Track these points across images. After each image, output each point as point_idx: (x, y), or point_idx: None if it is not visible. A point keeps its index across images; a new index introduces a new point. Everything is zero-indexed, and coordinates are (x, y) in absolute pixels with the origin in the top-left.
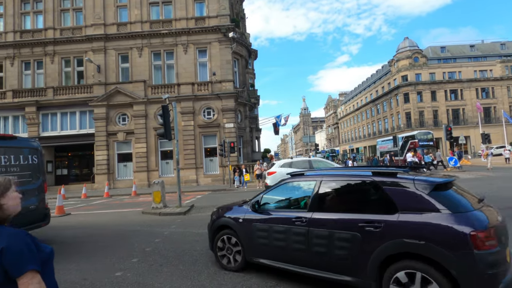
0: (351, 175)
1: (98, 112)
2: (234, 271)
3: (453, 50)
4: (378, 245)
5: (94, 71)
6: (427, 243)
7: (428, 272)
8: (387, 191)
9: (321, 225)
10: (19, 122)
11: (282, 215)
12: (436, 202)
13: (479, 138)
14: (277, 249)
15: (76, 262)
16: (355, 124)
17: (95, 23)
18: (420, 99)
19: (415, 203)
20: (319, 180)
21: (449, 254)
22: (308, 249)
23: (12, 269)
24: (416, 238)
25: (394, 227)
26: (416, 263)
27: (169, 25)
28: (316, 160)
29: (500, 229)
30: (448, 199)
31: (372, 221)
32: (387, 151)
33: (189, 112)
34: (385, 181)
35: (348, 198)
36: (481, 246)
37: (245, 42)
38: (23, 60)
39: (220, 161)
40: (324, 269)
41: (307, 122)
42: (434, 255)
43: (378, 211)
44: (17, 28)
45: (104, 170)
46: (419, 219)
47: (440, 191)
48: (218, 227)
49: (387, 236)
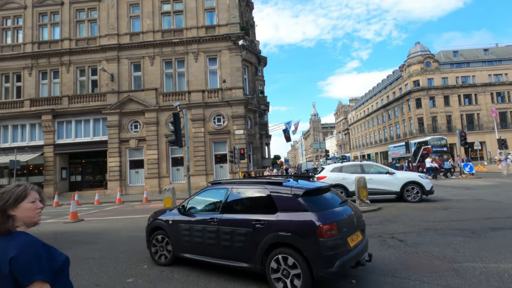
0: (253, 183)
1: (111, 120)
2: (166, 265)
3: (466, 54)
4: (263, 238)
5: (108, 79)
6: (292, 234)
7: (292, 254)
8: (273, 196)
9: (227, 223)
10: (35, 130)
11: (201, 216)
12: (304, 204)
13: (495, 144)
14: (196, 245)
15: (88, 268)
16: (366, 130)
17: (109, 33)
18: (433, 104)
19: (290, 205)
20: (230, 188)
21: (304, 241)
22: (218, 243)
23: (21, 278)
24: (285, 231)
25: (273, 223)
26: (286, 249)
27: (180, 34)
28: (368, 164)
29: (343, 223)
30: (313, 202)
31: (260, 219)
32: (399, 157)
33: (200, 119)
34: (272, 188)
35: (248, 202)
36: (324, 235)
37: (255, 49)
38: (40, 70)
39: (230, 167)
40: (229, 259)
41: (317, 128)
42: (295, 243)
43: (265, 211)
44: (35, 40)
45: (116, 176)
46: (289, 217)
47: (309, 196)
48: (152, 228)
49: (269, 230)
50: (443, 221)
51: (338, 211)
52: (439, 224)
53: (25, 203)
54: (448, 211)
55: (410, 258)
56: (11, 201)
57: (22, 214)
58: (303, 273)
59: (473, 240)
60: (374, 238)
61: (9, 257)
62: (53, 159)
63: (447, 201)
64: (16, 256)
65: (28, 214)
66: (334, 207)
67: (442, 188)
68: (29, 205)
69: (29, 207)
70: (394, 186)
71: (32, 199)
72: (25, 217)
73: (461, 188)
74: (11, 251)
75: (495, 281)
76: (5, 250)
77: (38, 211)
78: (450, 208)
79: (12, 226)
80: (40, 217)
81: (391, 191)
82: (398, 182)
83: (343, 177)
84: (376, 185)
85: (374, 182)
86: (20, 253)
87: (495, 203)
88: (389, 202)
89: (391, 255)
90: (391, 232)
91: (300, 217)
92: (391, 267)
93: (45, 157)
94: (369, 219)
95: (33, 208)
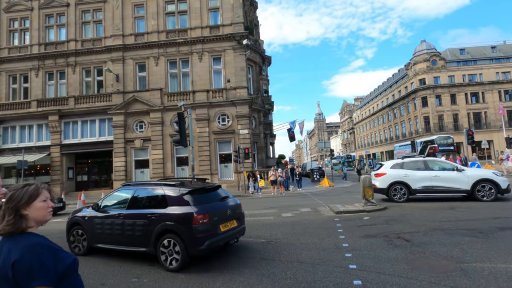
0: (152, 185)
1: (116, 120)
2: (82, 255)
3: (473, 52)
4: (156, 227)
5: (113, 80)
6: (175, 223)
7: (175, 238)
8: (166, 194)
9: (130, 217)
10: (42, 130)
11: (111, 212)
12: (187, 200)
13: (503, 142)
14: (107, 236)
15: (94, 267)
16: (371, 129)
17: (114, 34)
18: (439, 102)
19: (177, 201)
20: (135, 188)
21: (182, 227)
22: (123, 233)
23: (22, 283)
24: (171, 220)
25: (163, 215)
26: (171, 234)
27: (184, 34)
28: (431, 160)
29: (216, 214)
30: (195, 198)
31: (154, 213)
32: (405, 157)
33: (204, 119)
34: (166, 188)
35: (147, 199)
36: (197, 223)
37: (259, 49)
38: (47, 71)
39: (235, 167)
40: (131, 245)
41: (322, 127)
42: (177, 229)
43: (159, 206)
44: (41, 41)
45: (122, 176)
46: (175, 210)
47: (192, 194)
48: (71, 224)
49: (160, 221)
50: (450, 221)
51: (214, 205)
52: (446, 224)
53: (37, 202)
54: (455, 211)
55: (417, 258)
56: (24, 200)
57: (35, 214)
58: (181, 251)
59: (481, 240)
60: (380, 237)
61: (12, 260)
62: (59, 159)
63: (454, 201)
64: (18, 260)
65: (40, 213)
66: (211, 202)
67: None
68: (41, 204)
69: (41, 206)
70: (463, 184)
71: (44, 198)
72: (37, 216)
73: None
74: (15, 254)
75: (504, 282)
76: (10, 253)
77: (49, 210)
78: (457, 207)
79: (25, 225)
80: (51, 216)
81: (460, 189)
82: (468, 179)
83: (404, 174)
84: (442, 183)
85: (440, 179)
86: (22, 256)
87: (503, 203)
88: (392, 202)
89: (397, 255)
90: (397, 232)
91: (182, 210)
92: (398, 267)
93: (52, 157)
94: (374, 218)
95: (45, 207)
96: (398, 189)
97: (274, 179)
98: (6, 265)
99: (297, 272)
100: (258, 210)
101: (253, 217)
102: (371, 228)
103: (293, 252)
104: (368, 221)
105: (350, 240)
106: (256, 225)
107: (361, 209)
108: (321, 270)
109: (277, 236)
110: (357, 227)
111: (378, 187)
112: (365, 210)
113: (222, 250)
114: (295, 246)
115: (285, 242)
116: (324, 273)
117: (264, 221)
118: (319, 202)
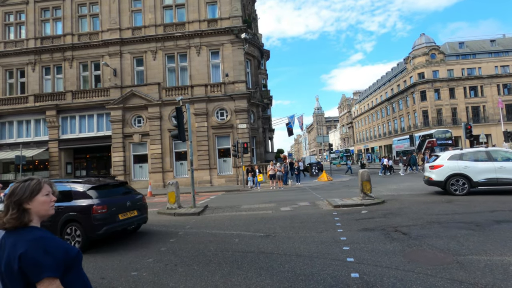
0: (63, 182)
1: (114, 115)
2: None
3: (472, 46)
4: (62, 217)
5: (111, 74)
6: (77, 213)
7: (77, 225)
8: (72, 189)
9: None
10: (40, 125)
11: None
12: (89, 194)
13: (501, 136)
14: None
15: (94, 261)
16: (370, 123)
17: (111, 28)
18: (438, 96)
19: (80, 195)
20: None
21: (83, 217)
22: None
23: (30, 275)
24: (73, 211)
25: (68, 207)
26: (74, 223)
27: (182, 28)
28: (494, 150)
29: (114, 205)
30: (96, 192)
31: (61, 205)
32: (403, 151)
33: (203, 114)
34: (73, 185)
35: (60, 194)
36: (95, 212)
37: (257, 42)
38: (43, 65)
39: (234, 161)
40: None
41: (320, 122)
42: (78, 219)
43: (66, 200)
44: (37, 35)
45: (120, 171)
46: (78, 203)
47: (94, 189)
48: None
49: (65, 212)
50: (447, 214)
51: (115, 198)
52: (443, 217)
53: (40, 196)
54: (452, 204)
55: (414, 251)
56: (27, 194)
57: (38, 208)
58: (82, 236)
59: (477, 233)
60: (377, 231)
61: (18, 254)
62: (58, 154)
63: (451, 194)
64: (25, 253)
65: (43, 207)
66: (113, 196)
67: None
68: (43, 198)
69: (44, 200)
70: None
71: (46, 192)
72: (40, 210)
73: None
74: (20, 247)
75: (499, 274)
76: (15, 246)
77: (52, 204)
78: (455, 201)
79: (28, 219)
80: (53, 210)
81: None
82: None
83: (464, 165)
84: (509, 175)
85: (507, 171)
86: (28, 249)
87: (500, 196)
88: (391, 194)
89: (394, 247)
90: (394, 225)
91: (84, 203)
92: (395, 260)
93: (50, 152)
94: (372, 212)
95: (48, 201)
96: (457, 181)
97: (273, 174)
98: (11, 259)
99: (295, 265)
100: (257, 204)
101: (252, 211)
102: (369, 221)
103: (292, 246)
104: (366, 214)
105: (348, 234)
106: (254, 219)
107: (359, 202)
108: (319, 263)
109: (275, 230)
110: (355, 220)
111: (434, 180)
112: (363, 204)
113: (122, 234)
114: (293, 239)
115: (283, 236)
116: (322, 266)
117: (262, 215)
118: (318, 196)
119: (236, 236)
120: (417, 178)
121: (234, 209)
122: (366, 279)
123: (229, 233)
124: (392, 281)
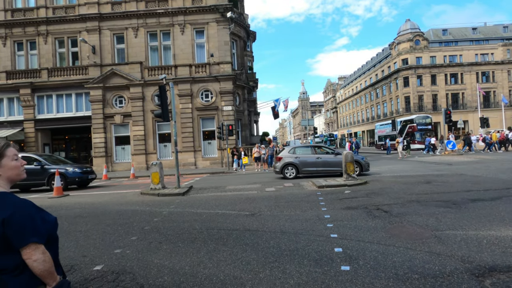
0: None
1: (94, 95)
2: None
3: (455, 33)
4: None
5: (89, 52)
6: None
7: None
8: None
9: None
10: (14, 104)
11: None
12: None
13: (477, 122)
14: None
15: (75, 241)
16: (354, 108)
17: (89, 2)
18: (420, 83)
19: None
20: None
21: None
22: None
23: (15, 240)
24: None
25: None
26: None
27: (165, 4)
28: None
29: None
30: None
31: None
32: (385, 135)
33: (187, 95)
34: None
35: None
36: None
37: (244, 23)
38: (15, 40)
39: (219, 144)
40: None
41: (305, 106)
42: None
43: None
44: (7, 7)
45: (102, 153)
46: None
47: None
48: None
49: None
50: (426, 194)
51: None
52: (423, 197)
53: (7, 160)
54: (431, 185)
55: (395, 227)
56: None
57: (8, 173)
58: None
59: (454, 211)
60: (360, 209)
61: (0, 218)
62: (34, 135)
63: (430, 176)
64: (8, 218)
65: (14, 172)
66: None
67: (425, 164)
68: (13, 163)
69: (15, 165)
70: None
71: (14, 155)
72: (11, 175)
73: (444, 164)
74: (3, 212)
75: (474, 247)
76: None
77: (22, 168)
78: (433, 181)
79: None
80: (25, 174)
81: None
82: None
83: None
84: None
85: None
86: (13, 214)
87: (476, 177)
88: (373, 175)
89: (376, 224)
90: (376, 204)
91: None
92: (377, 235)
93: (25, 133)
94: (355, 192)
95: (18, 166)
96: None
97: (258, 156)
98: None
99: (280, 242)
100: (242, 185)
101: (237, 191)
102: (352, 200)
103: (277, 224)
104: (349, 194)
105: (332, 212)
106: (239, 199)
107: (342, 183)
108: (303, 239)
109: (260, 209)
110: (338, 200)
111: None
112: (347, 184)
113: (103, 213)
114: (278, 218)
115: (268, 214)
116: (307, 242)
117: (248, 195)
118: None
119: (221, 215)
120: (402, 161)
121: (219, 189)
122: (349, 253)
123: (215, 212)
124: (374, 254)
